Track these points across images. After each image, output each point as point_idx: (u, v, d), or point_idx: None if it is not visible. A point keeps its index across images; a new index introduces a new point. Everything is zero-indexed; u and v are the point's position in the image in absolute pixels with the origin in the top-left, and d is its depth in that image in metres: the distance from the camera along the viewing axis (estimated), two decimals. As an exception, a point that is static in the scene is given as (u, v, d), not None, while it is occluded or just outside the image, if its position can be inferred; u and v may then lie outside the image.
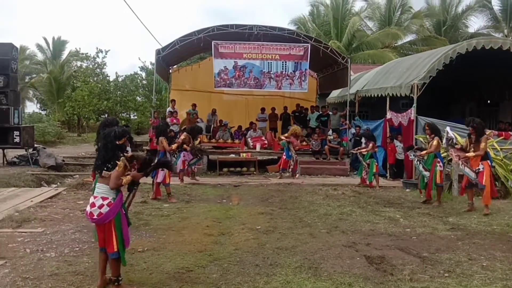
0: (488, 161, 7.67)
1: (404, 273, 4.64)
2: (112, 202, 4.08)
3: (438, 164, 8.53)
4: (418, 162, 8.90)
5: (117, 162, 4.04)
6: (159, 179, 8.48)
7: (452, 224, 7.01)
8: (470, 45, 11.71)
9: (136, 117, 29.92)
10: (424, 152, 8.72)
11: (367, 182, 10.97)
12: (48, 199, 8.21)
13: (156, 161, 5.37)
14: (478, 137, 7.61)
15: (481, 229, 6.65)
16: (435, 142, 8.50)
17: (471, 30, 32.76)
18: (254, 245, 5.74)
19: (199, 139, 11.44)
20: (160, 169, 8.20)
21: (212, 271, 4.71)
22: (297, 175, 12.40)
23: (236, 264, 4.92)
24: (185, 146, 10.43)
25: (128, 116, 27.01)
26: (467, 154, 7.71)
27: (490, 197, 7.67)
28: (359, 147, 11.74)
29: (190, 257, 5.17)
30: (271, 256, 5.24)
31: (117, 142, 4.15)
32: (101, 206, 4.06)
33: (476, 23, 36.24)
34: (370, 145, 11.03)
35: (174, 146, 9.47)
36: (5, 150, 13.50)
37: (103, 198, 4.08)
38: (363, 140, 13.62)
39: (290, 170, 12.50)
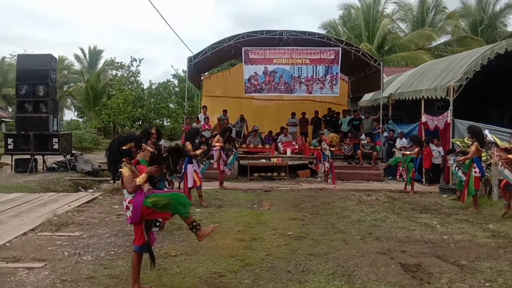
0: None
1: (442, 282, 4.48)
2: (132, 199, 4.11)
3: (473, 170, 8.26)
4: (457, 167, 8.61)
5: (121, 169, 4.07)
6: (189, 184, 8.55)
7: (493, 231, 6.73)
8: (510, 45, 11.28)
9: (169, 123, 30.58)
10: (463, 158, 8.46)
11: (408, 187, 10.79)
12: (85, 204, 8.47)
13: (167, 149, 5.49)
14: None
15: (525, 237, 6.34)
16: (473, 148, 8.21)
17: (511, 29, 31.57)
18: (286, 251, 5.69)
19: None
20: (188, 171, 8.37)
21: (244, 277, 4.70)
22: (329, 180, 12.24)
23: (268, 270, 4.89)
24: (218, 144, 10.49)
25: (161, 122, 27.59)
26: (509, 156, 7.39)
27: None
28: (404, 146, 11.54)
29: (222, 262, 5.19)
30: (303, 263, 5.18)
31: (122, 148, 4.16)
32: (127, 208, 4.15)
33: (515, 21, 34.89)
34: (416, 149, 10.84)
35: (198, 151, 9.40)
36: (44, 157, 14.05)
37: (126, 200, 4.18)
38: (397, 143, 13.36)
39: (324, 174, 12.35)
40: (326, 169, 12.16)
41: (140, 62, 26.31)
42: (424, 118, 12.81)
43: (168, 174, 5.17)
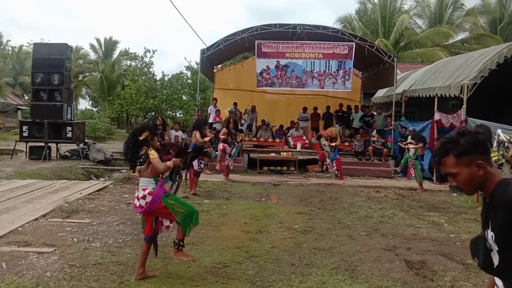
0: None
1: (445, 280, 4.48)
2: (153, 190, 4.24)
3: None
4: None
5: (148, 153, 4.20)
6: (196, 167, 8.73)
7: (501, 231, 6.65)
8: (527, 43, 11.05)
9: (181, 115, 30.75)
10: None
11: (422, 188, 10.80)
12: (96, 192, 8.61)
13: (192, 147, 5.46)
14: None
15: (533, 238, 6.27)
16: None
17: (531, 27, 30.84)
18: (291, 244, 5.74)
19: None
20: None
21: (248, 268, 4.76)
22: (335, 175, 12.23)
23: (272, 262, 4.94)
24: (222, 136, 10.64)
25: (173, 114, 27.75)
26: None
27: None
28: (407, 142, 11.54)
29: (227, 252, 5.25)
30: (308, 256, 5.22)
31: (139, 138, 4.24)
32: (144, 197, 4.25)
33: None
34: (420, 144, 10.93)
35: (206, 138, 9.41)
36: (58, 145, 14.29)
37: (144, 189, 4.27)
38: (409, 141, 13.25)
39: (333, 170, 12.32)
40: (331, 166, 12.09)
41: (153, 53, 26.54)
42: (437, 116, 12.66)
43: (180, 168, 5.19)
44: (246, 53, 19.67)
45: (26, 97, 39.06)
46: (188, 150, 4.72)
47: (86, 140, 15.09)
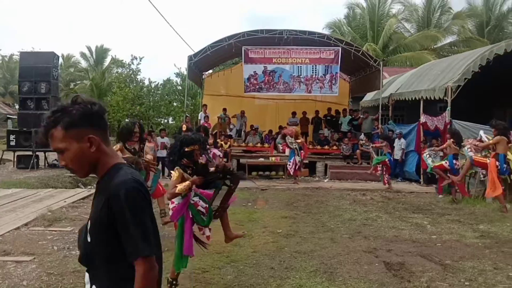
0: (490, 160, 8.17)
1: (422, 281, 4.52)
2: (176, 205, 4.12)
3: (444, 161, 9.38)
4: (428, 155, 9.83)
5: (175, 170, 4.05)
6: None
7: (482, 231, 6.73)
8: (509, 46, 11.22)
9: (174, 122, 30.68)
10: (438, 148, 9.83)
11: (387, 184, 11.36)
12: (81, 200, 8.58)
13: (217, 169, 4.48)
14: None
15: (513, 238, 6.35)
16: (448, 145, 9.24)
17: (518, 30, 31.27)
18: (273, 248, 5.75)
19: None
20: None
21: (227, 273, 4.77)
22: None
23: (252, 267, 4.95)
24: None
25: (161, 120, 27.66)
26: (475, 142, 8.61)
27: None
28: (378, 142, 12.07)
29: (208, 258, 5.26)
30: (288, 260, 5.24)
31: (185, 149, 4.07)
32: (170, 209, 4.26)
33: (523, 22, 34.50)
34: (383, 144, 11.41)
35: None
36: (46, 153, 14.20)
37: (171, 202, 4.19)
38: (396, 144, 13.36)
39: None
40: (298, 163, 11.86)
41: (140, 61, 26.44)
42: (423, 118, 12.78)
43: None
44: (236, 58, 19.74)
45: (17, 106, 38.90)
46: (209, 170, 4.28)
47: (75, 149, 15.01)
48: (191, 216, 4.18)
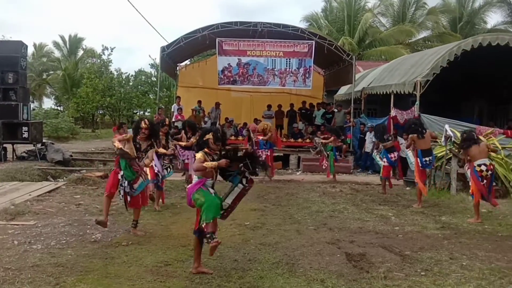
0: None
1: (380, 271, 4.63)
2: (189, 187, 4.64)
3: (383, 159, 9.72)
4: (376, 153, 10.14)
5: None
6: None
7: (443, 223, 6.94)
8: (476, 42, 11.48)
9: (150, 113, 30.31)
10: (384, 145, 9.77)
11: (330, 176, 11.56)
12: (47, 193, 8.42)
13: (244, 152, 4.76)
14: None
15: (472, 229, 6.57)
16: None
17: (489, 26, 32.06)
18: (239, 240, 5.80)
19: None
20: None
21: (190, 265, 4.76)
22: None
23: (216, 259, 4.97)
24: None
25: (133, 112, 27.26)
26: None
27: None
28: (324, 137, 12.18)
29: (172, 251, 5.26)
30: (252, 252, 5.29)
31: (203, 138, 4.62)
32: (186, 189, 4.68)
33: (493, 18, 35.52)
34: (332, 138, 11.54)
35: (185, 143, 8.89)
36: (14, 145, 13.85)
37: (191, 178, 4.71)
38: (367, 137, 13.58)
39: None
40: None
41: (112, 51, 25.86)
42: (393, 112, 13.02)
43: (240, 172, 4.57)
44: (210, 50, 19.60)
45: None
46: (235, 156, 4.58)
47: (44, 140, 14.68)
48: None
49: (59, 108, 36.82)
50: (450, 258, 5.09)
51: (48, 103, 42.39)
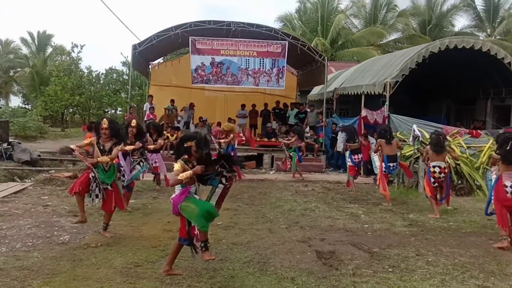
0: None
1: (349, 268, 4.73)
2: (174, 196, 4.46)
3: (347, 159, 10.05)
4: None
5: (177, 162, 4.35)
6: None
7: (411, 220, 7.13)
8: (443, 44, 11.87)
9: (121, 112, 29.72)
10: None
11: (296, 175, 11.65)
12: (13, 194, 8.17)
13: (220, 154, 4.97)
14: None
15: (438, 226, 6.78)
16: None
17: (456, 29, 33.11)
18: (211, 240, 5.63)
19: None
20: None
21: (161, 267, 4.73)
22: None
23: (187, 260, 4.95)
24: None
25: (104, 111, 26.65)
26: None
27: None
28: (286, 138, 12.51)
29: (142, 252, 5.21)
30: (224, 251, 5.29)
31: (184, 144, 4.43)
32: (171, 201, 4.51)
33: (460, 22, 36.72)
34: (293, 139, 11.72)
35: (153, 146, 8.43)
36: (-20, 145, 13.34)
37: (174, 193, 4.48)
38: (339, 136, 13.79)
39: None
40: None
41: (81, 48, 25.21)
42: (364, 112, 13.27)
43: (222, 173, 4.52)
44: (182, 49, 19.43)
45: None
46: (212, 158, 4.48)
47: (11, 140, 14.20)
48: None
49: (27, 106, 35.68)
50: (416, 255, 5.24)
51: (16, 101, 41.05)
